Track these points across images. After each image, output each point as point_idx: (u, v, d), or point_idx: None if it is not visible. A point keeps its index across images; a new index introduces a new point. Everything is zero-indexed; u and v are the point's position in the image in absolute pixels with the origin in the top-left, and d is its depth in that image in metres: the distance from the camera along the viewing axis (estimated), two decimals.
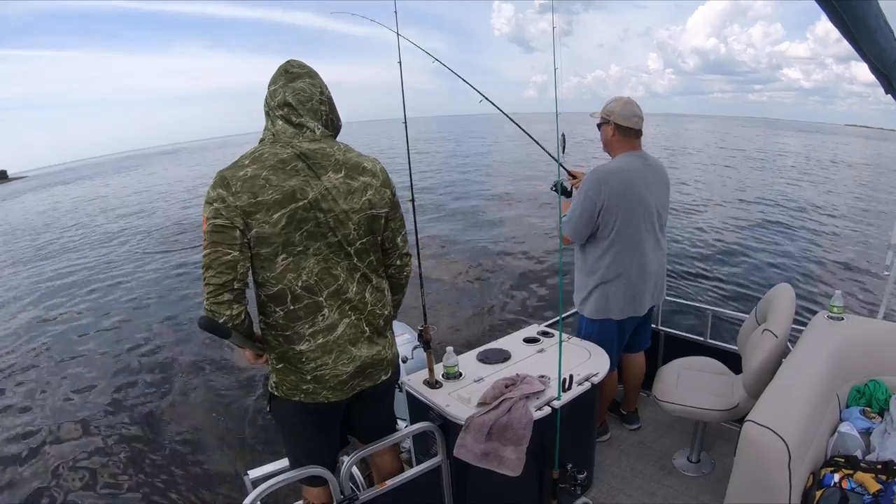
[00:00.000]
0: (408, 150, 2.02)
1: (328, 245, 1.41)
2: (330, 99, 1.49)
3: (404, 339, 2.62)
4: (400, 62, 1.80)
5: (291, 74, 1.43)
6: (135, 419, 4.32)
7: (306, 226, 1.37)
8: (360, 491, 1.64)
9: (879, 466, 1.47)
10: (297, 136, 1.40)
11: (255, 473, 1.69)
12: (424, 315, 1.94)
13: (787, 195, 14.18)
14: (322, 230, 1.39)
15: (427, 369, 1.92)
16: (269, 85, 1.45)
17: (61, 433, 4.21)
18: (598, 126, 2.28)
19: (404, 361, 2.23)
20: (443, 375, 1.95)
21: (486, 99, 2.33)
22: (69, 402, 4.74)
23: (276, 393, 1.51)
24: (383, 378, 1.59)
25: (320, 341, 1.43)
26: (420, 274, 1.95)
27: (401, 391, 1.94)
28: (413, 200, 1.85)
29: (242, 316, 1.37)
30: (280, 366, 1.46)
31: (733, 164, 22.36)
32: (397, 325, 2.09)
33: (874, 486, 1.40)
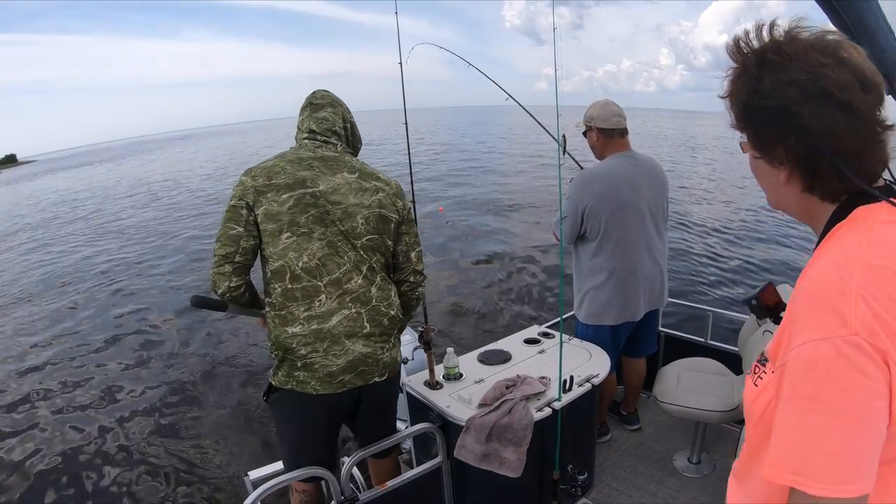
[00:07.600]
0: (408, 148, 2.03)
1: (335, 233, 1.49)
2: (353, 125, 1.64)
3: (405, 339, 2.63)
4: (401, 63, 1.81)
5: (316, 105, 1.60)
6: (133, 419, 4.31)
7: (313, 210, 1.46)
8: (360, 492, 1.64)
9: None
10: (320, 146, 1.55)
11: (255, 474, 1.69)
12: (425, 316, 1.94)
13: None
14: (330, 218, 1.48)
15: (428, 370, 1.93)
16: (299, 115, 1.62)
17: (58, 431, 4.20)
18: (584, 134, 2.28)
19: (405, 362, 2.24)
20: (443, 376, 1.95)
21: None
22: (67, 398, 4.73)
23: (273, 382, 1.55)
24: (376, 380, 1.56)
25: (314, 327, 1.45)
26: None
27: (401, 392, 1.94)
28: (413, 201, 1.85)
29: (242, 289, 1.49)
30: (275, 353, 1.50)
31: (734, 162, 22.34)
32: None
33: None
